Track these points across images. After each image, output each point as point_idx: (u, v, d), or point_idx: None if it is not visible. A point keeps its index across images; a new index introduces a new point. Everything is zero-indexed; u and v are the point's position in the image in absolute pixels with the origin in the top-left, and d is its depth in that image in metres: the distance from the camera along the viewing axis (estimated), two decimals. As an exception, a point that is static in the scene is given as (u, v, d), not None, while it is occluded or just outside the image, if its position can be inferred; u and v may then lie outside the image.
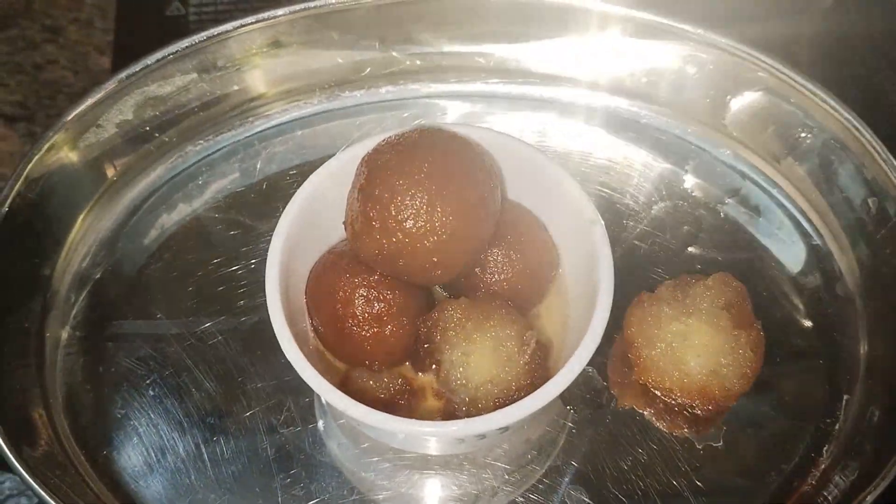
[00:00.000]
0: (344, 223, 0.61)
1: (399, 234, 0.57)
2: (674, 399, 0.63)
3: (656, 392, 0.63)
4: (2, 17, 0.95)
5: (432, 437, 0.60)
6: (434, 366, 0.61)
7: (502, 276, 0.63)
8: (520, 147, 0.64)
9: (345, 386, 0.61)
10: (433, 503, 0.63)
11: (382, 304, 0.60)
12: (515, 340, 0.59)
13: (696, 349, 0.62)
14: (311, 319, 0.63)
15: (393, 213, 0.56)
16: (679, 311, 0.63)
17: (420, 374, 0.63)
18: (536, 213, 0.66)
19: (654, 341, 0.63)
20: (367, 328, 0.60)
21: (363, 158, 0.60)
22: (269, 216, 0.73)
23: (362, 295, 0.60)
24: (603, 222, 0.61)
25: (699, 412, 0.63)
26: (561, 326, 0.65)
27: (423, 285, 0.63)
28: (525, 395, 0.57)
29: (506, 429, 0.58)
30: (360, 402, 0.56)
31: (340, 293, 0.61)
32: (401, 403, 0.62)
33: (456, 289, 0.64)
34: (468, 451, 0.64)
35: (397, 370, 0.63)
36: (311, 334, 0.63)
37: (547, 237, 0.65)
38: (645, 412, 0.65)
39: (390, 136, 0.60)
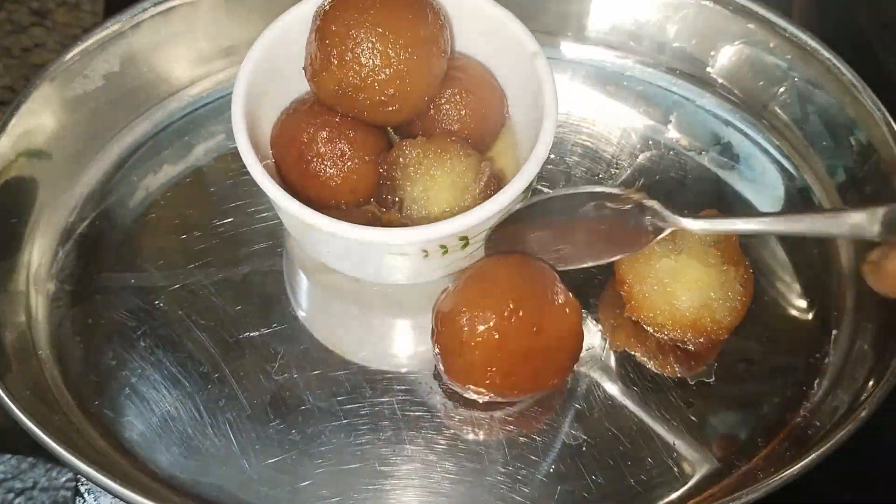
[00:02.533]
0: (304, 68, 0.65)
1: (356, 66, 0.62)
2: (666, 334, 0.65)
3: (648, 329, 0.66)
4: (-12, 1, 0.96)
5: (388, 242, 0.61)
6: (397, 202, 0.65)
7: (455, 117, 0.68)
8: None
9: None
10: (429, 452, 0.64)
11: (344, 143, 0.65)
12: (471, 171, 0.64)
13: (687, 284, 0.65)
14: (279, 171, 0.67)
15: (350, 46, 0.61)
16: (668, 248, 0.66)
17: (384, 210, 0.66)
18: (484, 61, 0.71)
19: (645, 277, 0.65)
20: (330, 165, 0.65)
21: (318, 6, 0.64)
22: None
23: (324, 135, 0.65)
24: (544, 54, 0.65)
25: (691, 347, 0.65)
26: (513, 165, 0.70)
27: (381, 124, 0.68)
28: None
29: (465, 241, 0.62)
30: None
31: (304, 135, 0.66)
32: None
33: (411, 133, 0.68)
34: (437, 275, 0.67)
35: (365, 209, 0.67)
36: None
37: (496, 83, 0.70)
38: (637, 352, 0.67)
39: None
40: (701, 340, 0.64)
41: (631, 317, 0.66)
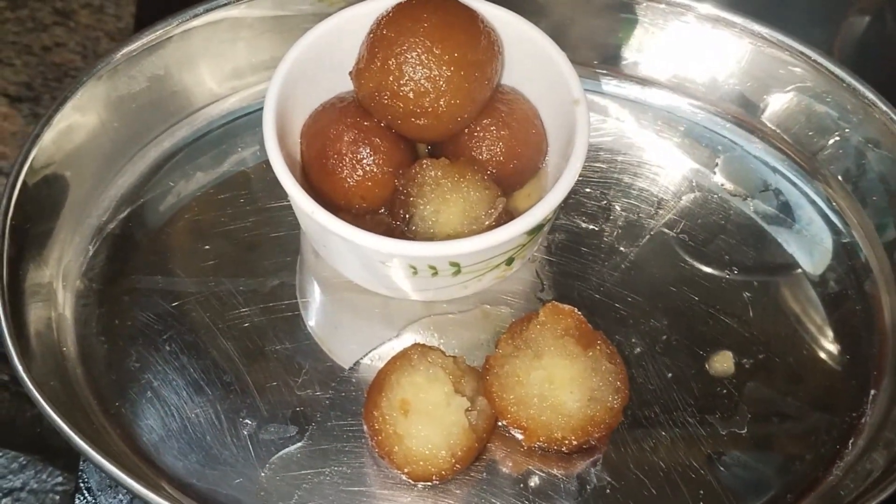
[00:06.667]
0: (350, 72, 0.69)
1: (396, 72, 0.65)
2: (570, 444, 0.64)
3: (553, 447, 0.65)
4: (13, -4, 0.99)
5: (376, 249, 0.64)
6: (407, 217, 0.68)
7: (486, 147, 0.70)
8: (524, 28, 0.71)
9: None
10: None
11: (367, 149, 0.68)
12: (485, 203, 0.67)
13: (566, 385, 0.65)
14: (301, 162, 0.71)
15: (395, 52, 0.65)
16: (529, 357, 0.66)
17: (396, 223, 0.69)
18: (533, 100, 0.73)
19: (526, 399, 0.65)
20: (347, 167, 0.69)
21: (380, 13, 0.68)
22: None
23: (349, 137, 0.68)
24: (587, 102, 0.68)
25: (594, 442, 0.66)
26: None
27: (412, 138, 0.70)
28: None
29: (457, 268, 0.65)
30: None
31: (331, 131, 0.69)
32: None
33: (441, 154, 0.71)
34: (430, 296, 0.71)
35: (380, 218, 0.70)
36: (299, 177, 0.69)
37: (539, 125, 0.73)
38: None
39: None
40: (601, 434, 0.65)
41: (530, 444, 0.65)
